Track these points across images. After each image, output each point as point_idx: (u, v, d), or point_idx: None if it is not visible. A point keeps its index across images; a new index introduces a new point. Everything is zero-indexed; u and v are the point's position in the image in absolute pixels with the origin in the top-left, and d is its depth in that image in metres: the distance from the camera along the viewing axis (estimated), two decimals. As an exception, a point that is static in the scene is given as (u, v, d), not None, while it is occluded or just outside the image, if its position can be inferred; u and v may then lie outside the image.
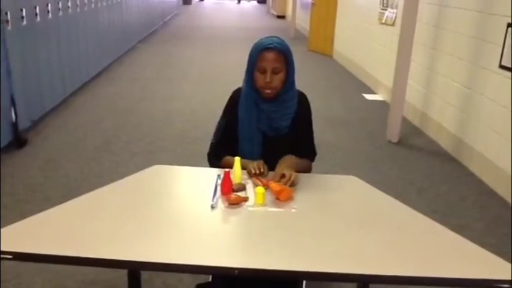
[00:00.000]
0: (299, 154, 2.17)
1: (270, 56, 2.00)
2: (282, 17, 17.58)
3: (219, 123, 2.25)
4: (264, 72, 2.02)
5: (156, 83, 6.96)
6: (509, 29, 3.62)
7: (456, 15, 4.52)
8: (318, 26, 10.21)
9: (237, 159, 1.95)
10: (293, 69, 2.09)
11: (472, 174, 4.05)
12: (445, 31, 4.75)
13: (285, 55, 2.04)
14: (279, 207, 1.76)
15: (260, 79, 2.04)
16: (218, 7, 22.41)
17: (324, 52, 9.88)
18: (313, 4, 10.37)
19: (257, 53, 2.02)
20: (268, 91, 2.05)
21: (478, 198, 3.64)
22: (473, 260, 1.50)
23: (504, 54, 3.69)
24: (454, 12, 4.55)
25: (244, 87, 2.15)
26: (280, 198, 1.80)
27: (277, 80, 2.03)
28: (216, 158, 2.21)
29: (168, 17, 15.51)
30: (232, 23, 15.89)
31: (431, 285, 1.46)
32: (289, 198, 1.81)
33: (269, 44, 2.01)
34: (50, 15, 5.07)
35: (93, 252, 1.44)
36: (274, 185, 1.83)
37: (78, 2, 6.00)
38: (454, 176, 4.04)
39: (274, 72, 2.02)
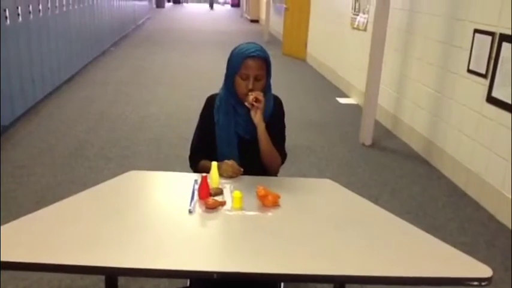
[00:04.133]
0: None
1: (254, 64, 2.03)
2: (255, 21, 17.65)
3: (196, 128, 2.27)
4: (246, 79, 2.05)
5: (130, 87, 6.90)
6: (477, 34, 3.73)
7: (426, 21, 4.63)
8: (292, 30, 10.30)
9: (214, 164, 1.96)
10: (270, 74, 2.13)
11: (443, 176, 4.15)
12: (415, 36, 4.86)
13: (267, 63, 2.08)
14: (256, 211, 1.78)
15: (242, 86, 2.06)
16: (191, 11, 22.36)
17: (297, 56, 9.97)
18: (286, 9, 10.45)
19: (241, 60, 2.04)
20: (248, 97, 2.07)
21: (449, 199, 3.74)
22: (445, 259, 1.55)
23: (472, 59, 3.80)
24: (424, 18, 4.67)
25: (223, 91, 2.17)
26: (265, 204, 1.81)
27: (259, 86, 2.07)
28: (193, 163, 2.23)
29: (141, 21, 15.39)
30: (206, 27, 15.88)
31: (405, 285, 1.50)
32: (275, 204, 1.82)
33: (253, 52, 2.04)
34: (20, 18, 4.98)
35: (69, 259, 1.43)
36: (260, 190, 1.83)
37: (49, 5, 5.92)
38: (425, 177, 4.13)
39: (257, 79, 2.05)
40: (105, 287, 2.04)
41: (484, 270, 1.45)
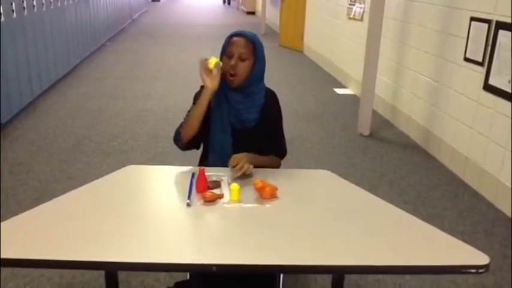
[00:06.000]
0: (267, 151, 2.18)
1: (238, 41, 2.06)
2: (252, 13, 17.57)
3: (190, 108, 2.24)
4: (231, 56, 2.06)
5: (127, 82, 6.88)
6: (473, 22, 3.72)
7: (422, 10, 4.62)
8: (288, 21, 10.26)
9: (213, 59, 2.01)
10: (262, 63, 2.12)
11: (441, 165, 4.16)
12: (411, 25, 4.85)
13: (253, 44, 2.08)
14: (254, 203, 1.78)
15: (226, 63, 2.07)
16: (188, 4, 22.24)
17: (294, 47, 9.94)
18: (282, 0, 10.41)
19: (228, 39, 2.09)
20: (231, 77, 2.06)
21: (448, 188, 3.75)
22: (443, 247, 1.55)
23: (468, 47, 3.79)
24: (420, 6, 4.65)
25: None
26: (263, 196, 1.81)
27: (243, 67, 2.06)
28: (178, 132, 2.20)
29: (137, 15, 15.32)
30: (202, 20, 15.81)
31: (404, 274, 1.51)
32: (273, 196, 1.82)
33: (240, 32, 2.09)
34: (14, 14, 4.96)
35: (69, 255, 1.44)
36: (258, 182, 1.82)
37: (44, 1, 5.88)
38: (423, 167, 4.14)
39: (241, 58, 2.05)
40: (105, 282, 2.05)
41: (481, 258, 1.46)
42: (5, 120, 4.68)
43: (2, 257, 1.41)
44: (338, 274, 2.09)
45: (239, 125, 2.15)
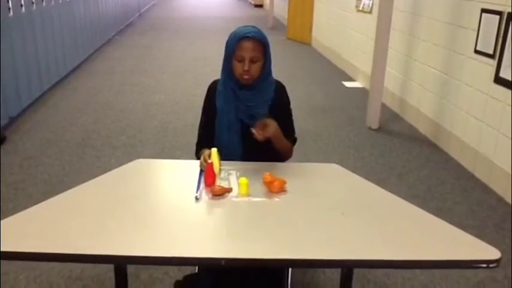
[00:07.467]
0: None
1: (248, 45, 2.01)
2: (259, 5, 17.50)
3: (200, 120, 2.26)
4: (242, 61, 2.03)
5: (135, 76, 6.89)
6: (484, 14, 3.68)
7: (432, 1, 4.57)
8: (296, 14, 10.21)
9: (214, 150, 1.96)
10: (270, 58, 2.11)
11: (450, 159, 4.13)
12: (421, 17, 4.80)
13: (263, 44, 2.05)
14: (263, 197, 1.78)
15: (238, 67, 2.05)
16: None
17: (302, 40, 9.89)
18: (290, -8, 10.35)
19: (235, 42, 2.02)
20: (246, 77, 2.05)
21: (457, 182, 3.72)
22: (454, 242, 1.54)
23: (479, 39, 3.75)
24: (430, -2, 4.60)
25: (222, 75, 2.16)
26: (272, 190, 1.81)
27: (255, 68, 2.05)
28: (197, 151, 2.22)
29: (145, 8, 15.32)
30: (210, 13, 15.77)
31: (414, 268, 1.50)
32: (281, 190, 1.82)
33: (247, 33, 2.02)
34: (23, 9, 4.97)
35: (78, 248, 1.44)
36: (266, 176, 1.82)
37: (52, -5, 5.90)
38: (433, 160, 4.11)
39: (252, 61, 2.03)
40: (114, 275, 2.06)
41: (492, 253, 1.45)
42: (15, 114, 4.71)
43: (13, 250, 1.42)
44: (347, 268, 2.08)
45: (250, 121, 2.13)
